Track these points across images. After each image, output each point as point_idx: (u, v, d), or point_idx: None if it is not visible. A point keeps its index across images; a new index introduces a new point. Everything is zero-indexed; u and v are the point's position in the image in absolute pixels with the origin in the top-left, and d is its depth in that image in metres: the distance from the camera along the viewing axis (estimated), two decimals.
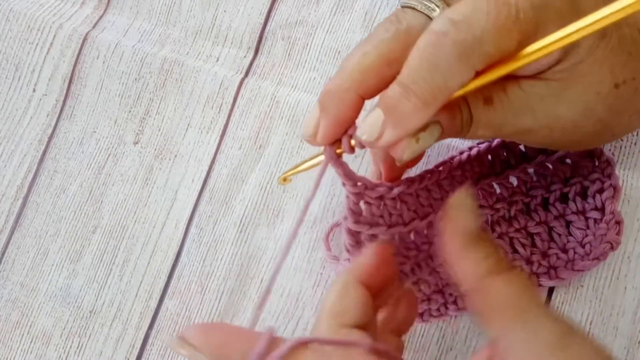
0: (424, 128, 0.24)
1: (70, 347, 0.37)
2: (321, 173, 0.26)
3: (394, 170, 0.31)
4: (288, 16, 0.39)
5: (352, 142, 0.26)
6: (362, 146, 0.25)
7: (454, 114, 0.25)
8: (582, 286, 0.33)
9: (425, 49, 0.23)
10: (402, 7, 0.26)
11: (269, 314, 0.35)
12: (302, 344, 0.23)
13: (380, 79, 0.25)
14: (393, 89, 0.23)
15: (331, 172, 0.36)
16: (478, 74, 0.23)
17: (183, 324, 0.36)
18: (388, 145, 0.24)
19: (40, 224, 0.39)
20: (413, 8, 0.25)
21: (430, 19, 0.25)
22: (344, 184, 0.27)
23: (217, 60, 0.40)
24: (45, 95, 0.40)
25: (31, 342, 0.37)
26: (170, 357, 0.36)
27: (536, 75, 0.25)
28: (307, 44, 0.39)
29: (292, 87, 0.38)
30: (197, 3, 0.41)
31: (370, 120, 0.24)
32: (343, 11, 0.39)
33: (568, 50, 0.24)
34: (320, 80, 0.38)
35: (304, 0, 0.39)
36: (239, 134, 0.38)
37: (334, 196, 0.36)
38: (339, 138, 0.26)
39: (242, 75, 0.39)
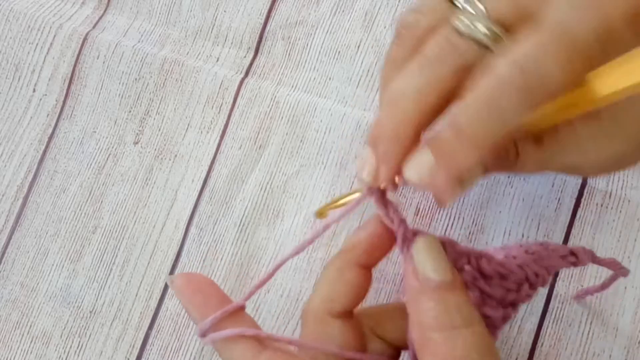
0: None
1: (70, 347, 0.37)
2: (355, 206, 0.26)
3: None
4: (288, 16, 0.39)
5: (396, 179, 0.24)
6: (406, 183, 0.24)
7: (500, 155, 0.24)
8: (582, 286, 0.33)
9: (487, 94, 0.21)
10: (458, 31, 0.23)
11: (269, 313, 0.35)
12: (252, 337, 0.24)
13: (437, 114, 0.23)
14: (445, 131, 0.21)
15: (332, 172, 0.36)
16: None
17: (183, 324, 0.36)
18: (435, 188, 0.23)
19: (40, 224, 0.39)
20: (473, 38, 0.22)
21: (489, 49, 0.22)
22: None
23: (217, 60, 0.40)
24: (45, 95, 0.40)
25: (31, 342, 0.37)
26: (170, 357, 0.36)
27: (589, 114, 0.24)
28: (307, 44, 0.39)
29: (292, 87, 0.38)
30: (197, 3, 0.41)
31: (421, 163, 0.22)
32: (343, 11, 0.39)
33: None
34: (320, 80, 0.38)
35: (304, 0, 0.39)
36: (239, 134, 0.38)
37: (333, 196, 0.36)
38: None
39: (242, 75, 0.39)
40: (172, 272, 0.37)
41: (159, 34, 0.41)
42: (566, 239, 0.34)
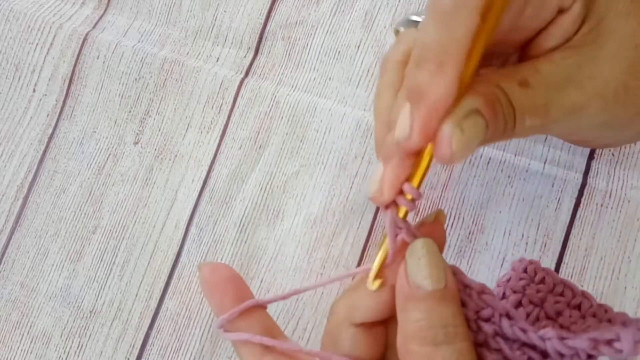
0: (464, 116, 0.22)
1: (70, 347, 0.37)
2: (391, 245, 0.24)
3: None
4: (288, 16, 0.39)
5: (408, 196, 0.23)
6: (418, 195, 0.23)
7: (491, 101, 0.23)
8: (582, 286, 0.33)
9: (423, 20, 0.22)
10: (396, 30, 0.26)
11: (269, 313, 0.35)
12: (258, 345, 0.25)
13: None
14: (409, 74, 0.22)
15: (332, 172, 0.36)
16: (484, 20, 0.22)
17: (183, 324, 0.36)
18: (425, 136, 0.22)
19: (40, 224, 0.39)
20: (414, 21, 0.25)
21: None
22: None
23: (217, 60, 0.40)
24: (45, 95, 0.40)
25: (31, 342, 0.37)
26: (170, 357, 0.36)
27: (565, 45, 0.24)
28: (307, 44, 0.39)
29: (292, 87, 0.38)
30: (197, 3, 0.41)
31: (400, 117, 0.22)
32: (343, 11, 0.39)
33: (587, 10, 0.23)
34: (320, 80, 0.38)
35: (304, 0, 0.39)
36: (239, 134, 0.38)
37: (333, 196, 0.36)
38: (394, 201, 0.24)
39: (242, 76, 0.39)
40: (172, 272, 0.37)
41: (159, 34, 0.41)
42: (566, 239, 0.34)
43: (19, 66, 0.41)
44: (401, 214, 0.24)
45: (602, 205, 0.34)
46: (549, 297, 0.25)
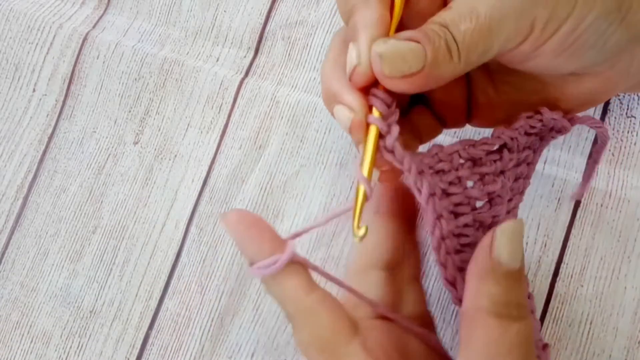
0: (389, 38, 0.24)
1: (70, 347, 0.37)
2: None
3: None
4: (288, 16, 0.39)
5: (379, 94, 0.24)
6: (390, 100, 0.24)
7: (422, 30, 0.24)
8: (582, 286, 0.33)
9: None
10: None
11: (269, 313, 0.35)
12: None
13: None
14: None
15: (332, 172, 0.36)
16: None
17: (183, 324, 0.36)
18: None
19: (40, 224, 0.39)
20: None
21: None
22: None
23: (217, 60, 0.40)
24: (45, 95, 0.40)
25: (31, 342, 0.37)
26: (170, 357, 0.36)
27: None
28: (307, 44, 0.39)
29: (292, 87, 0.38)
30: (197, 3, 0.41)
31: (347, 56, 0.24)
32: None
33: None
34: (320, 80, 0.38)
35: (304, 0, 0.39)
36: (239, 134, 0.38)
37: (333, 196, 0.36)
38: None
39: (242, 75, 0.39)
40: (172, 272, 0.37)
41: (159, 34, 0.41)
42: (566, 239, 0.34)
43: (19, 66, 0.41)
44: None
45: (602, 205, 0.34)
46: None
